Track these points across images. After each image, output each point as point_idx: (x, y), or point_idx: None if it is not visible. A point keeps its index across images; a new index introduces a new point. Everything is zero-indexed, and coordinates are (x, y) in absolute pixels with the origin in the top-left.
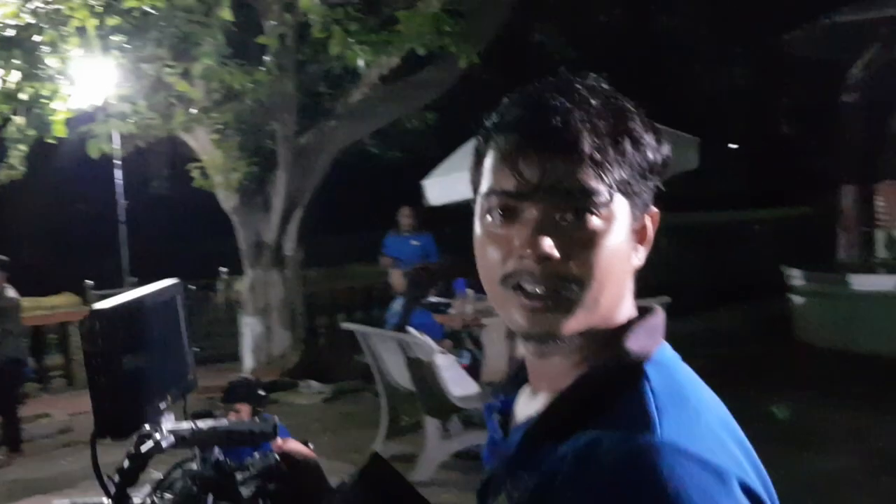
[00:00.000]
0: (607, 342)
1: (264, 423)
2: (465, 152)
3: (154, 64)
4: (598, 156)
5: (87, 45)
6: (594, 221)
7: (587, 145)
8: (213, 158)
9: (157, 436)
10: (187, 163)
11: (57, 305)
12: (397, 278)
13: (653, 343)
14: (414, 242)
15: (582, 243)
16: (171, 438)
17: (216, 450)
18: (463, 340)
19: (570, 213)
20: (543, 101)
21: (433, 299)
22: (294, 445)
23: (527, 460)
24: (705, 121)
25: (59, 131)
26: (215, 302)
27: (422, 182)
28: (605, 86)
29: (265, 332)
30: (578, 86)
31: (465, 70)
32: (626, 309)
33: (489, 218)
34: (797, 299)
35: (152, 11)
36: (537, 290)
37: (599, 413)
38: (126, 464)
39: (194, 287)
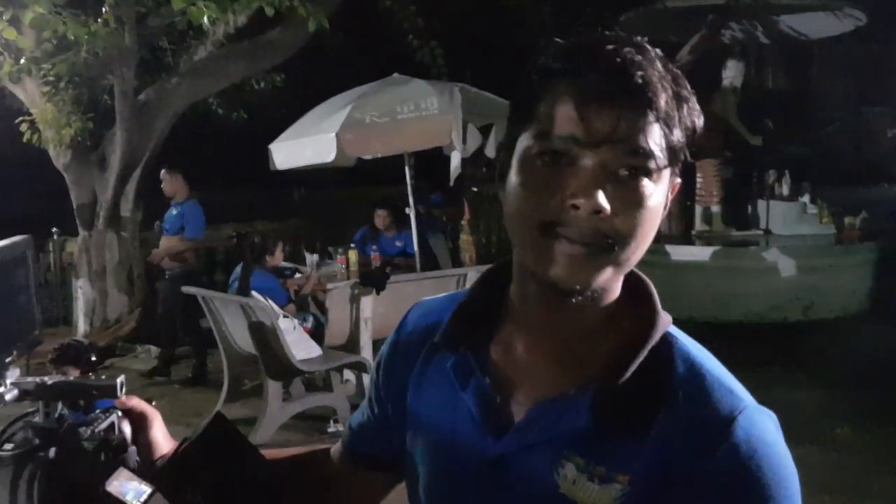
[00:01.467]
0: (626, 307)
1: (109, 379)
2: (313, 117)
3: None
4: (668, 117)
5: None
6: (647, 184)
7: (663, 105)
8: (44, 112)
9: (0, 389)
10: (16, 116)
11: None
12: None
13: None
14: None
15: (631, 202)
16: (15, 392)
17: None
18: (307, 304)
19: (625, 169)
20: (623, 53)
21: (281, 264)
22: (137, 402)
23: (604, 431)
24: None
25: None
26: (46, 263)
27: (269, 146)
28: (658, 50)
29: (100, 296)
30: (647, 45)
31: (314, 33)
32: None
33: (538, 161)
34: None
35: None
36: (581, 241)
37: (665, 388)
38: None
39: (56, 231)
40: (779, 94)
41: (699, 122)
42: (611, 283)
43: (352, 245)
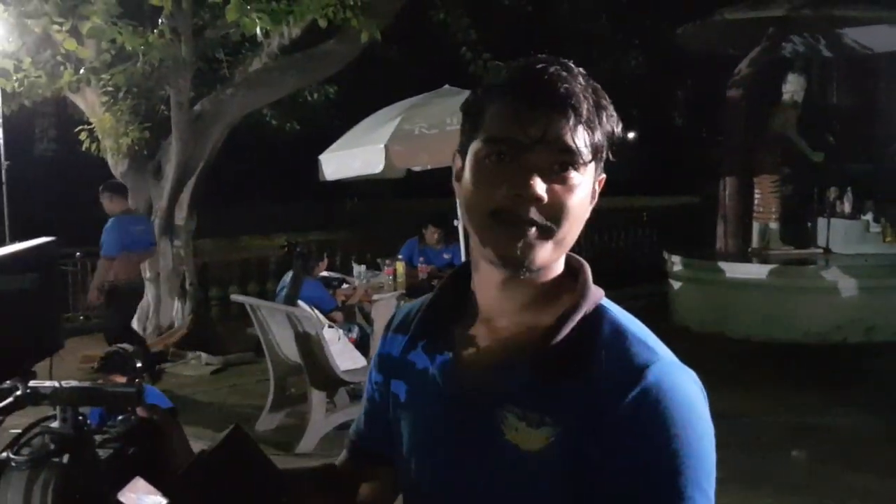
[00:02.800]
0: (565, 284)
1: (128, 386)
2: (361, 129)
3: (40, 20)
4: (590, 121)
5: None
6: (574, 175)
7: (585, 111)
8: (103, 122)
9: (18, 392)
10: (77, 125)
11: None
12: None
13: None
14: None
15: (563, 191)
16: (32, 395)
17: (76, 410)
18: (354, 314)
19: (557, 164)
20: (550, 71)
21: (326, 273)
22: (158, 412)
23: (539, 385)
24: None
25: None
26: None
27: (319, 157)
28: (581, 68)
29: (154, 302)
30: (570, 64)
31: (367, 45)
32: None
33: (487, 160)
34: (676, 284)
35: None
36: (524, 223)
37: (590, 345)
38: None
39: (80, 254)
40: (841, 109)
41: (618, 127)
42: (550, 259)
43: (399, 257)
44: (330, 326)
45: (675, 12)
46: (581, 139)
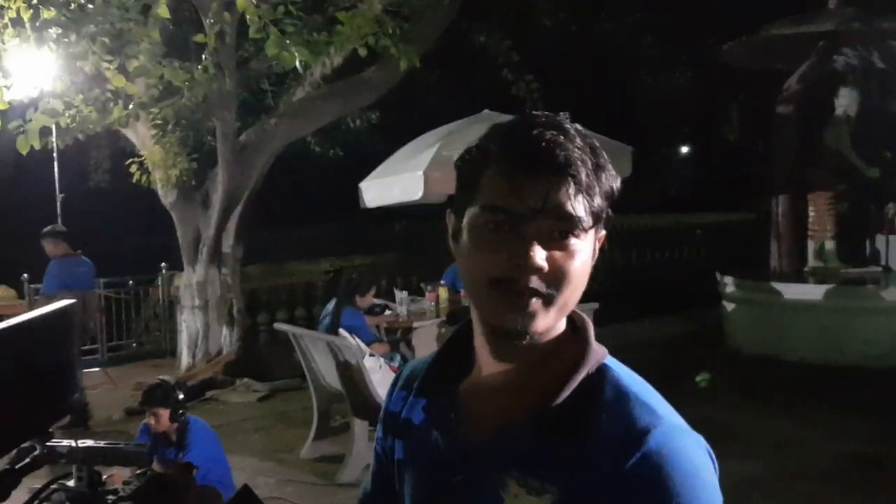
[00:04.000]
0: (567, 343)
1: (139, 447)
2: (400, 156)
3: (89, 59)
4: (589, 187)
5: (22, 38)
6: (575, 242)
7: (583, 177)
8: (153, 154)
9: (36, 452)
10: (130, 157)
11: None
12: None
13: (598, 343)
14: None
15: (564, 258)
16: (50, 454)
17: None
18: (398, 343)
19: (558, 232)
20: (546, 136)
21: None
22: (172, 467)
23: (540, 451)
24: (653, 126)
25: None
26: (155, 298)
27: (359, 185)
28: (577, 124)
29: (203, 329)
30: (567, 125)
31: (408, 71)
32: None
33: (486, 228)
34: (729, 306)
35: (89, 6)
36: (524, 293)
37: (592, 408)
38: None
39: (133, 282)
40: None
41: (616, 185)
42: (551, 326)
43: (442, 282)
44: (371, 355)
45: (721, 28)
46: (581, 206)
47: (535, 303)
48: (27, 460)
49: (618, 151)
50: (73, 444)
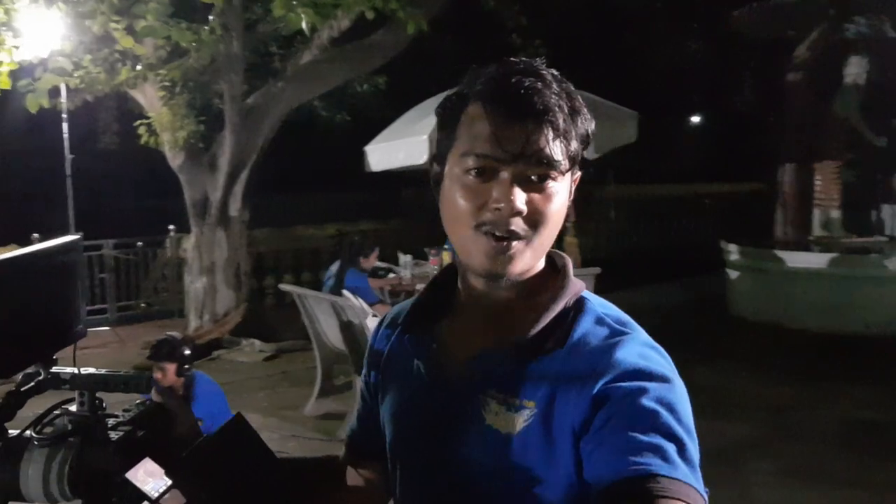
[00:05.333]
0: (547, 280)
1: (139, 375)
2: (405, 121)
3: (97, 19)
4: (565, 132)
5: None
6: (552, 184)
7: (561, 123)
8: (161, 116)
9: (40, 377)
10: (138, 119)
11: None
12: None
13: (576, 278)
14: None
15: (542, 201)
16: (53, 380)
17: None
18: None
19: (535, 175)
20: (524, 83)
21: (376, 263)
22: (169, 398)
23: (519, 371)
24: (663, 95)
25: (4, 83)
26: (164, 259)
27: (364, 149)
28: (554, 70)
29: (209, 291)
30: (543, 71)
31: (415, 35)
32: None
33: (467, 174)
34: (733, 274)
35: None
36: (504, 236)
37: (569, 333)
38: (3, 400)
39: (141, 244)
40: None
41: (591, 127)
42: (530, 265)
43: (446, 247)
44: (374, 315)
45: None
46: (558, 150)
47: (516, 245)
48: (31, 384)
49: (624, 117)
50: (76, 371)
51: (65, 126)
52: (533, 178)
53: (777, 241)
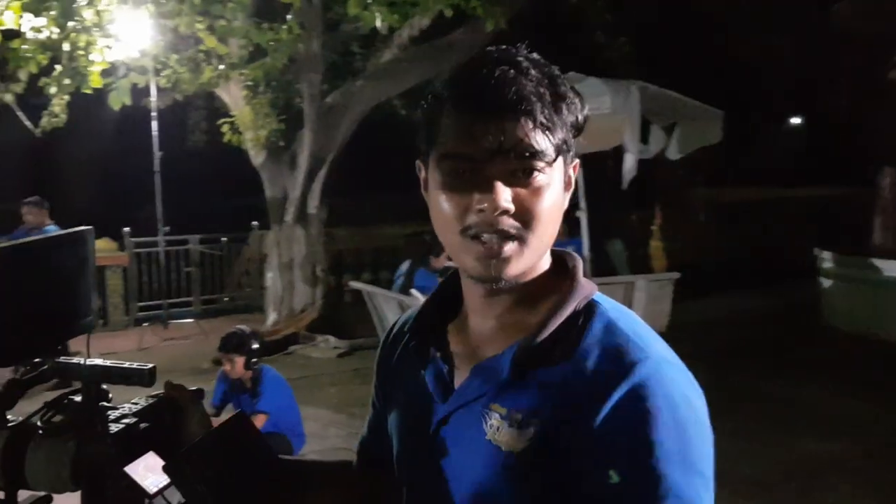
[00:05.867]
0: (554, 281)
1: (140, 368)
2: None
3: (183, 18)
4: (546, 121)
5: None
6: (540, 177)
7: (538, 113)
8: (243, 114)
9: (45, 367)
10: (225, 118)
11: (96, 249)
12: None
13: (588, 279)
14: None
15: (530, 196)
16: (57, 370)
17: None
18: None
19: (520, 171)
20: (495, 74)
21: (449, 263)
22: (181, 391)
23: (522, 383)
24: (757, 95)
25: (95, 82)
26: (246, 255)
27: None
28: (534, 55)
29: (287, 287)
30: (520, 58)
31: (498, 33)
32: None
33: (448, 178)
34: (826, 282)
35: None
36: (494, 238)
37: (578, 341)
38: (3, 388)
39: (226, 240)
40: None
41: (581, 114)
42: (527, 267)
43: None
44: None
45: None
46: (541, 142)
47: (509, 247)
48: (35, 373)
49: (708, 116)
50: (81, 362)
51: (154, 124)
52: (518, 173)
53: (875, 249)
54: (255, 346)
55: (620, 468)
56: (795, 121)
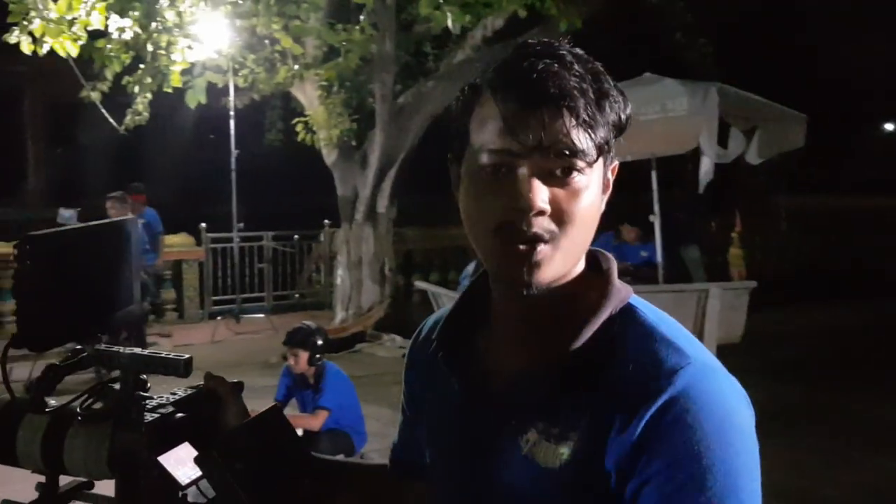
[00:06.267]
0: (587, 286)
1: (177, 359)
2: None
3: (260, 18)
4: (589, 119)
5: (201, 0)
6: (579, 178)
7: (582, 109)
8: (317, 114)
9: (84, 354)
10: (299, 117)
11: (174, 244)
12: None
13: (623, 282)
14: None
15: (567, 197)
16: (95, 358)
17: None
18: None
19: (559, 169)
20: (537, 67)
21: None
22: (221, 384)
23: (559, 394)
24: (844, 99)
25: (175, 81)
26: (318, 253)
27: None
28: (577, 49)
29: (356, 285)
30: (563, 51)
31: (574, 33)
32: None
33: (482, 172)
34: None
35: None
36: (529, 239)
37: (616, 351)
38: (42, 373)
39: (298, 237)
40: None
41: (624, 113)
42: (560, 272)
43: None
44: None
45: None
46: (582, 140)
47: (541, 250)
48: (73, 360)
49: (790, 120)
50: (120, 350)
51: (231, 123)
52: (556, 172)
53: None
54: (320, 342)
55: (661, 483)
56: (889, 127)
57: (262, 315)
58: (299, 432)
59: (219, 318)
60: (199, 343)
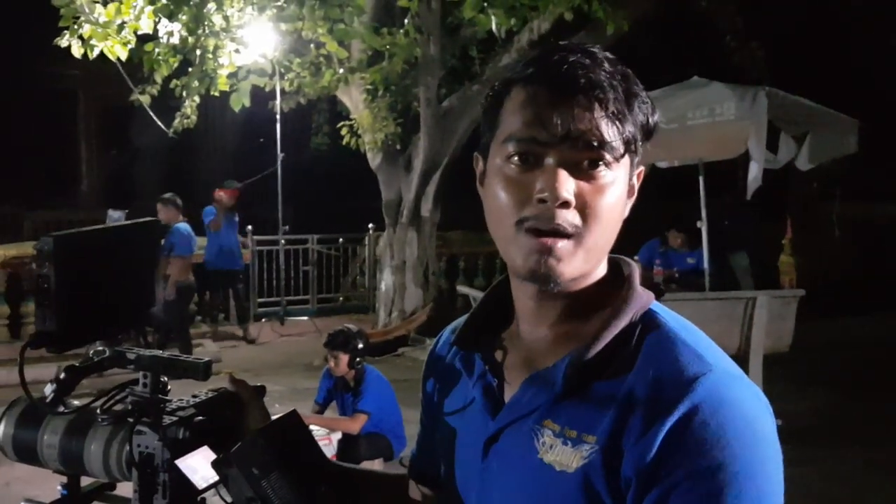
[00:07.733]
0: (608, 290)
1: (196, 362)
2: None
3: (306, 22)
4: (617, 112)
5: (247, 4)
6: (605, 172)
7: (611, 101)
8: (362, 117)
9: (105, 355)
10: (344, 121)
11: None
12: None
13: (644, 288)
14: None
15: (593, 192)
16: (117, 359)
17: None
18: None
19: (585, 161)
20: (570, 60)
21: None
22: (243, 387)
23: (577, 398)
24: None
25: (222, 85)
26: (362, 256)
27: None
28: (608, 53)
29: (399, 288)
30: (594, 49)
31: (622, 37)
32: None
33: (509, 163)
34: None
35: None
36: (551, 231)
37: (635, 353)
38: (62, 374)
39: (342, 240)
40: None
41: (653, 118)
42: (582, 270)
43: (634, 258)
44: None
45: None
46: (611, 132)
47: (564, 244)
48: (94, 361)
49: (842, 125)
50: (141, 352)
51: (277, 126)
52: (582, 164)
53: None
54: (361, 345)
55: (681, 491)
56: None
57: (306, 317)
58: (339, 435)
59: (264, 319)
60: (243, 345)
